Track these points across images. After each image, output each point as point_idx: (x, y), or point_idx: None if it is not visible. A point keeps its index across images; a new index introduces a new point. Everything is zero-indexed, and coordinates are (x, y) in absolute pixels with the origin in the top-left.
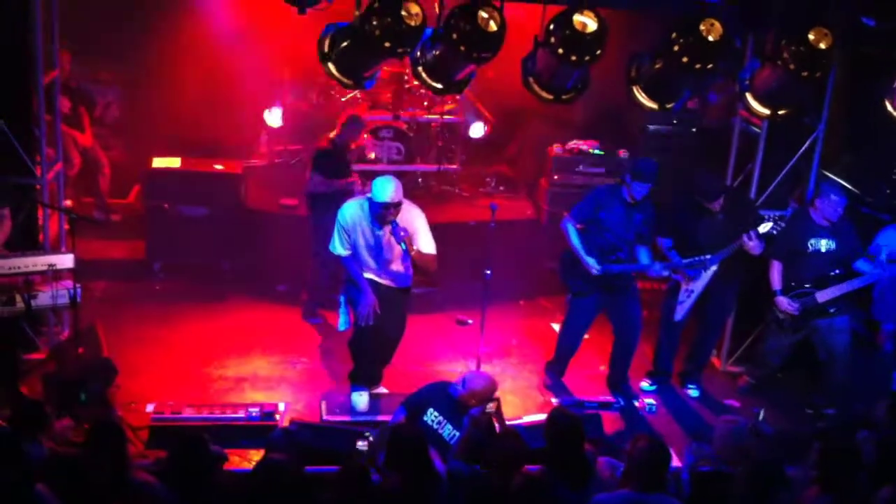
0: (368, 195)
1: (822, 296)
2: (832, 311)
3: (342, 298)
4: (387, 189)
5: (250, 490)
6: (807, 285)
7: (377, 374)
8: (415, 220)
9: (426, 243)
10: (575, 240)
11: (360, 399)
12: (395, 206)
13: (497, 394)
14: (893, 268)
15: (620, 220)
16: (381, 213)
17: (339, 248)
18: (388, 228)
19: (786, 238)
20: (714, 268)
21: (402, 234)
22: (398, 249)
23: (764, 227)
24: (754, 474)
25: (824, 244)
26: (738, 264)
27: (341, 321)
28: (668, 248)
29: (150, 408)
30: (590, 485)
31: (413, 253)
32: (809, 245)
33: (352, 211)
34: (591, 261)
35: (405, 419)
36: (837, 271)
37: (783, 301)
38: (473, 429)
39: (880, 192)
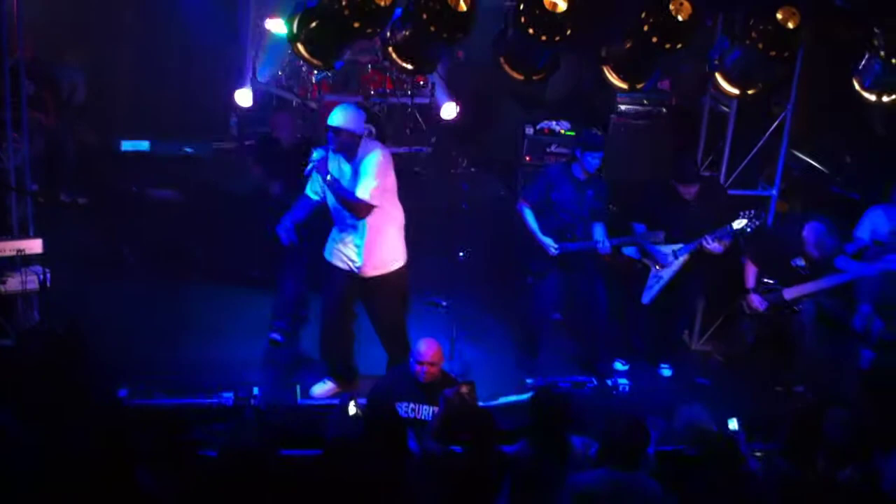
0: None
1: (790, 293)
2: (798, 308)
3: None
4: (333, 111)
5: (216, 473)
6: (773, 281)
7: (347, 373)
8: (363, 158)
9: (360, 185)
10: (531, 221)
11: (321, 388)
12: (336, 132)
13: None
14: (871, 266)
15: (572, 198)
16: (327, 137)
17: (308, 188)
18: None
19: (771, 253)
20: (684, 257)
21: (320, 161)
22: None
23: (738, 224)
24: (713, 455)
25: (805, 259)
26: (701, 263)
27: None
28: (634, 240)
29: (122, 393)
30: (569, 462)
31: (327, 178)
32: (792, 262)
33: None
34: (547, 240)
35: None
36: (806, 272)
37: (755, 299)
38: (447, 409)
39: (849, 171)
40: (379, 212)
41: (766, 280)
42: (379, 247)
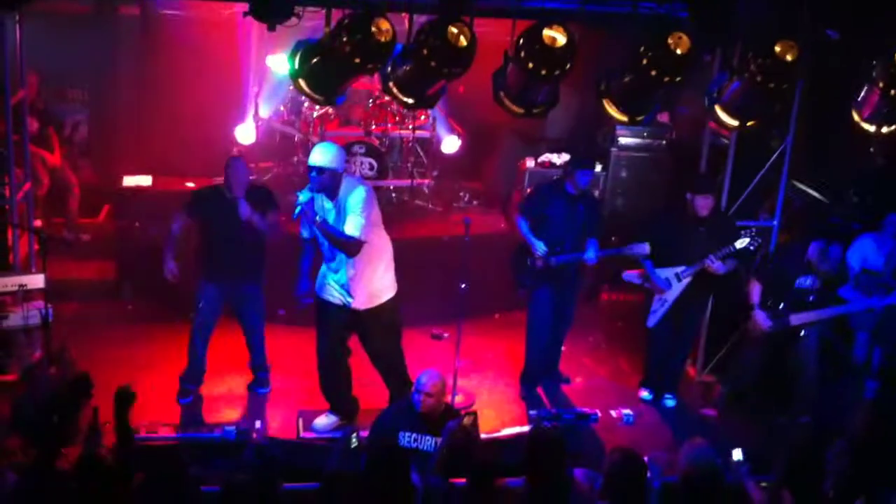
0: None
1: (797, 319)
2: (803, 334)
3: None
4: (313, 151)
5: None
6: (782, 305)
7: (349, 405)
8: (347, 197)
9: (348, 223)
10: (525, 229)
11: (324, 421)
12: (318, 171)
13: (474, 408)
14: (879, 300)
15: (564, 213)
16: (310, 177)
17: (303, 230)
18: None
19: (776, 272)
20: (687, 280)
21: (307, 204)
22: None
23: (741, 243)
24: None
25: (811, 280)
26: (711, 276)
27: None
28: (643, 257)
29: None
30: (571, 498)
31: (316, 220)
32: (797, 282)
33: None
34: (539, 244)
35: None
36: (812, 298)
37: (760, 315)
38: (449, 443)
39: (847, 202)
40: (367, 246)
41: (771, 305)
42: (369, 280)
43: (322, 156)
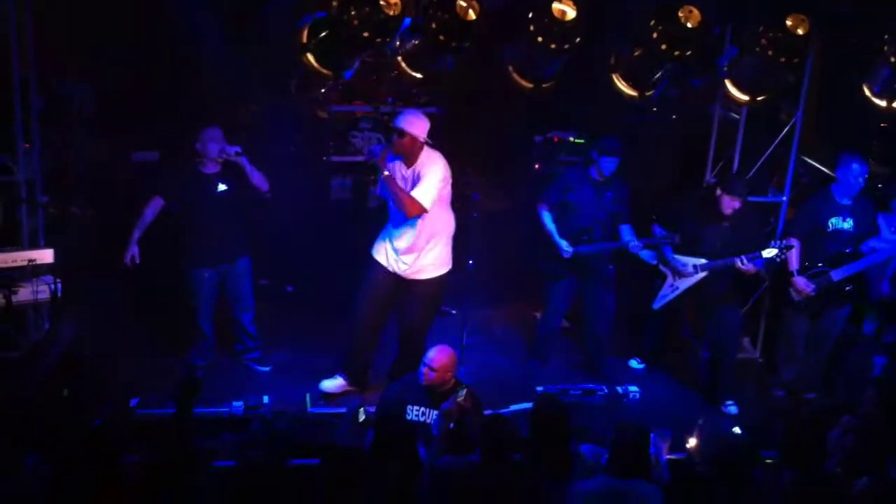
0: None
1: (837, 274)
2: (848, 289)
3: None
4: (400, 115)
5: (229, 488)
6: (820, 264)
7: (361, 374)
8: (423, 167)
9: (419, 189)
10: (548, 223)
11: (331, 383)
12: (400, 134)
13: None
14: None
15: (590, 200)
16: (391, 139)
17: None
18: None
19: (807, 217)
20: (703, 273)
21: (376, 152)
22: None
23: (768, 253)
24: (722, 458)
25: (845, 223)
26: (732, 283)
27: None
28: (661, 240)
29: (133, 402)
30: (573, 472)
31: (384, 174)
32: (830, 224)
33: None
34: (563, 243)
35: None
36: (850, 249)
37: (800, 281)
38: (446, 422)
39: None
40: (434, 217)
41: (809, 264)
42: (429, 251)
43: (407, 120)
